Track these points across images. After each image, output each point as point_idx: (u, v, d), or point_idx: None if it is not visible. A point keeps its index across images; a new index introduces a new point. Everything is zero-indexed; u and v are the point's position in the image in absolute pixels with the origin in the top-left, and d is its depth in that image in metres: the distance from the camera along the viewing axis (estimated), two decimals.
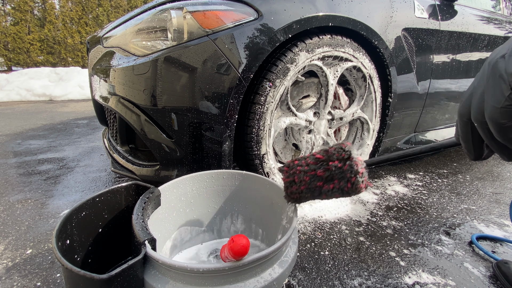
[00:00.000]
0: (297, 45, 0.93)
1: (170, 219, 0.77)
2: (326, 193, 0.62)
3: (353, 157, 0.59)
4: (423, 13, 1.22)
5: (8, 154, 1.81)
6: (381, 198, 1.27)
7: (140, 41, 0.89)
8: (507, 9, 1.83)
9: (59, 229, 0.54)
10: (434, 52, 1.29)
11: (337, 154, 0.61)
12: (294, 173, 0.67)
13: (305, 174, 0.65)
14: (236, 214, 0.88)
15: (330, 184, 0.61)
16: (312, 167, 0.64)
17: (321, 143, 1.13)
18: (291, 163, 0.68)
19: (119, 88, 0.91)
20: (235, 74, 0.83)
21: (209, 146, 0.89)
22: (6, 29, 8.82)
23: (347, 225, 1.04)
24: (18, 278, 0.76)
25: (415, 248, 0.92)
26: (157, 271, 0.51)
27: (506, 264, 0.84)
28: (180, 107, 0.84)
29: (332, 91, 1.06)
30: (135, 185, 0.72)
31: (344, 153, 0.60)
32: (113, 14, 10.33)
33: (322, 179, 0.63)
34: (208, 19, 0.82)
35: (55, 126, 2.62)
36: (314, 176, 0.63)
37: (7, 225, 1.00)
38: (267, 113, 0.93)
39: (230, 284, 0.49)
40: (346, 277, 0.78)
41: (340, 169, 0.60)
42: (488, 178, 1.56)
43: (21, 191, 1.27)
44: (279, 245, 0.52)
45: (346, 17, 0.97)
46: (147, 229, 0.55)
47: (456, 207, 1.22)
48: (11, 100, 4.27)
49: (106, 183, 1.39)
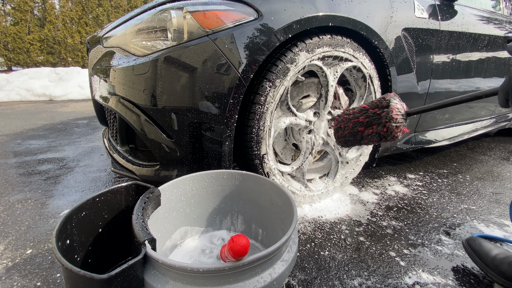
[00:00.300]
0: (297, 45, 0.93)
1: (170, 219, 0.77)
2: (367, 137, 0.71)
3: (391, 105, 0.65)
4: (423, 13, 1.23)
5: (8, 154, 1.81)
6: (381, 198, 1.27)
7: (140, 41, 0.89)
8: (507, 9, 1.83)
9: (59, 229, 0.54)
10: (434, 52, 1.29)
11: (378, 102, 0.68)
12: (342, 120, 0.77)
13: (349, 121, 0.75)
14: (236, 214, 0.88)
15: (370, 129, 0.69)
16: (356, 115, 0.73)
17: (321, 143, 1.13)
18: (341, 113, 0.79)
19: (119, 88, 0.91)
20: (235, 74, 0.83)
21: (209, 146, 0.89)
22: (6, 29, 8.82)
23: (347, 225, 1.04)
24: (18, 278, 0.76)
25: (415, 248, 0.92)
26: (157, 271, 0.51)
27: (476, 241, 0.83)
28: (180, 107, 0.84)
29: (332, 91, 1.06)
30: (135, 185, 0.73)
31: (384, 101, 0.67)
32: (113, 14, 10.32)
33: (364, 125, 0.71)
34: (208, 19, 0.82)
35: (55, 126, 2.62)
36: (357, 123, 0.72)
37: (7, 225, 1.00)
38: (267, 113, 0.93)
39: (230, 284, 0.49)
40: (346, 277, 0.78)
41: (378, 115, 0.67)
42: (488, 178, 1.56)
43: (21, 191, 1.27)
44: (279, 245, 0.52)
45: (346, 17, 0.97)
46: (147, 229, 0.55)
47: (456, 207, 1.22)
48: (11, 100, 4.27)
49: (106, 183, 1.39)
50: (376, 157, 1.34)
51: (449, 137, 1.66)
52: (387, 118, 0.65)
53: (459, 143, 2.24)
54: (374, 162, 1.36)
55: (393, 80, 1.18)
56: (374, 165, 1.37)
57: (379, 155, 1.35)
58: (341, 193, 1.28)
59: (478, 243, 0.82)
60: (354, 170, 1.27)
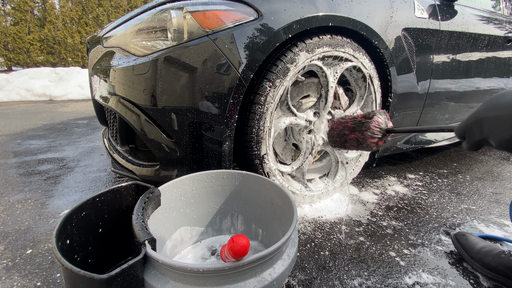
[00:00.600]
0: (297, 45, 0.93)
1: (170, 219, 0.77)
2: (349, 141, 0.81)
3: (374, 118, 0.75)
4: (423, 13, 1.23)
5: (8, 154, 1.81)
6: (381, 198, 1.27)
7: (140, 41, 0.89)
8: (507, 9, 1.83)
9: (59, 229, 0.54)
10: (434, 52, 1.29)
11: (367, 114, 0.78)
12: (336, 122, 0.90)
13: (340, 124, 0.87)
14: (236, 214, 0.88)
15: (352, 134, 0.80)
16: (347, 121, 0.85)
17: (321, 143, 1.13)
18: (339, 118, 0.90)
19: (119, 88, 0.91)
20: (235, 74, 0.83)
21: (209, 146, 0.89)
22: (6, 29, 8.83)
23: (347, 225, 1.04)
24: (18, 278, 0.76)
25: (415, 248, 0.92)
26: (157, 271, 0.51)
27: (464, 236, 0.90)
28: (180, 107, 0.84)
29: (332, 91, 1.06)
30: (135, 185, 0.73)
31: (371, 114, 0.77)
32: (113, 14, 10.33)
33: (349, 129, 0.82)
34: (208, 19, 0.82)
35: (55, 126, 2.62)
36: (345, 127, 0.85)
37: (7, 225, 1.00)
38: (267, 113, 0.93)
39: (230, 284, 0.49)
40: (346, 277, 0.78)
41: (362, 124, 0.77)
42: (488, 178, 1.56)
43: (21, 191, 1.27)
44: (279, 245, 0.52)
45: (346, 17, 0.97)
46: (147, 229, 0.55)
47: (456, 207, 1.22)
48: (11, 100, 4.27)
49: (106, 183, 1.39)
50: (376, 157, 1.34)
51: (449, 137, 1.66)
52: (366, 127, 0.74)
53: (459, 143, 2.24)
54: (374, 162, 1.36)
55: (393, 80, 1.18)
56: (374, 165, 1.37)
57: (379, 155, 1.35)
58: (341, 193, 1.28)
59: (465, 238, 0.89)
60: (354, 170, 1.27)
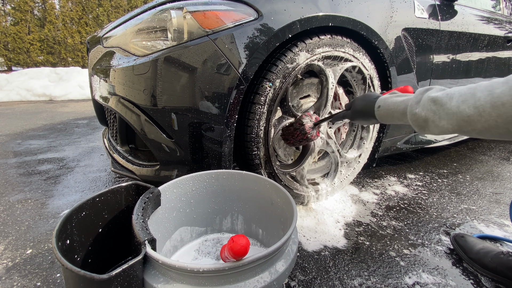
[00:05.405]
0: (297, 45, 0.93)
1: (170, 219, 0.77)
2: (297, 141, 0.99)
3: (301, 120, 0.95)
4: (423, 13, 1.22)
5: (8, 154, 1.81)
6: (381, 198, 1.27)
7: (140, 41, 0.89)
8: (507, 9, 1.83)
9: (59, 229, 0.54)
10: (434, 52, 1.29)
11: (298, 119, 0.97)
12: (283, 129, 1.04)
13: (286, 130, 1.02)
14: (236, 214, 0.88)
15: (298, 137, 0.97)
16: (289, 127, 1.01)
17: (321, 143, 1.13)
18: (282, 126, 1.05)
19: (119, 88, 0.91)
20: (235, 74, 0.83)
21: (209, 146, 0.89)
22: (6, 29, 8.82)
23: (347, 225, 1.04)
24: (18, 278, 0.76)
25: (415, 248, 0.92)
26: (157, 271, 0.51)
27: (463, 237, 0.91)
28: (180, 107, 0.84)
29: (332, 92, 1.06)
30: (135, 185, 0.73)
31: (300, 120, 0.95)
32: (113, 14, 10.32)
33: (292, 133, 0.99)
34: (208, 19, 0.82)
35: (55, 126, 2.62)
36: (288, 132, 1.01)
37: (7, 225, 1.00)
38: (267, 113, 0.93)
39: (230, 284, 0.49)
40: (346, 277, 0.78)
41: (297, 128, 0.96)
42: (488, 178, 1.56)
43: (21, 191, 1.27)
44: (279, 245, 0.52)
45: (346, 17, 0.97)
46: (147, 229, 0.55)
47: (456, 207, 1.22)
48: (11, 100, 4.27)
49: (106, 183, 1.39)
50: (376, 157, 1.34)
51: (449, 137, 1.66)
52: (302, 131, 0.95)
53: (459, 143, 2.24)
54: (374, 162, 1.36)
55: (393, 80, 1.18)
56: (374, 165, 1.37)
57: (379, 155, 1.35)
58: (341, 193, 1.28)
59: (463, 239, 0.90)
60: (354, 169, 1.27)
